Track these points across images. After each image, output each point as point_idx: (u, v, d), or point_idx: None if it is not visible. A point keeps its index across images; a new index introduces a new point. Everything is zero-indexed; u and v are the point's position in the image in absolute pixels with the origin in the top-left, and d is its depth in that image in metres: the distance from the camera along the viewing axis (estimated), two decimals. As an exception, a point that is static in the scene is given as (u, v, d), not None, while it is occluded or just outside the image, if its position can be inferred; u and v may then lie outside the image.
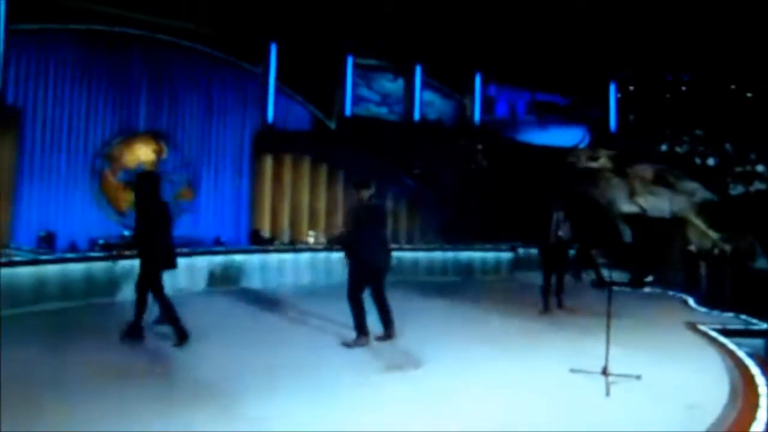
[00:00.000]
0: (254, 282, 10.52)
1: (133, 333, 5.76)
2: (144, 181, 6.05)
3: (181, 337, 5.56)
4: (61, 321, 6.58)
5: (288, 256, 11.41)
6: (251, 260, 10.69)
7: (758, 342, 6.85)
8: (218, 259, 10.38)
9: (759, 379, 4.59)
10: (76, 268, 8.01)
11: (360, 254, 5.84)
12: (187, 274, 9.43)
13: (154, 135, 12.75)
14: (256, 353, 5.40)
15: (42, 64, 11.61)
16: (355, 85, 15.59)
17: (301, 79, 14.53)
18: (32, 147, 11.49)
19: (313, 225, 13.94)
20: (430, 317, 7.14)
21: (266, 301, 8.47)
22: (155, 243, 5.70)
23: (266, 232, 13.46)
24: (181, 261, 6.89)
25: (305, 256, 11.54)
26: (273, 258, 11.09)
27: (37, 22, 11.44)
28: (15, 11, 11.05)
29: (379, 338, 5.86)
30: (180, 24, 12.94)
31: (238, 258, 10.63)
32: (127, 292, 7.62)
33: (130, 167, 12.25)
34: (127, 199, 12.07)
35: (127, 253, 7.74)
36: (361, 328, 5.74)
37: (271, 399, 4.06)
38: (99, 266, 8.32)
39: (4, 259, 7.83)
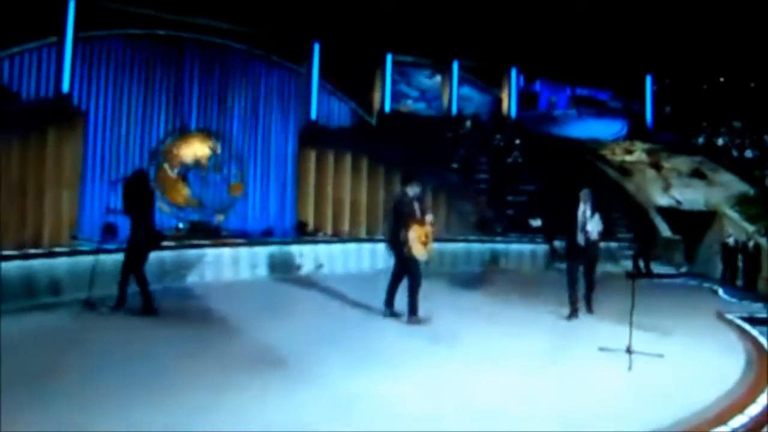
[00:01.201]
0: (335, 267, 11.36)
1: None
2: (136, 179, 6.85)
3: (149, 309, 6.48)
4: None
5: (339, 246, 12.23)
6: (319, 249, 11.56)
7: (782, 330, 7.40)
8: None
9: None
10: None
11: (397, 248, 6.47)
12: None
13: (207, 132, 13.69)
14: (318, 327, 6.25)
15: (103, 68, 12.65)
16: (394, 81, 16.31)
17: (342, 77, 15.35)
18: (95, 144, 12.56)
19: (354, 218, 14.63)
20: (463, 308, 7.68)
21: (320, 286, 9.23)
22: (142, 229, 6.55)
23: (311, 224, 14.23)
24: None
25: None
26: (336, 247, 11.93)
27: (99, 28, 12.47)
28: (80, 19, 12.07)
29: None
30: (229, 26, 13.91)
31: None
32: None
33: (186, 162, 13.19)
34: (182, 192, 13.09)
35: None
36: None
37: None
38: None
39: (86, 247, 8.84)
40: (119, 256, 6.90)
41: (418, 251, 6.56)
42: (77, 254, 8.22)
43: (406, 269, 6.60)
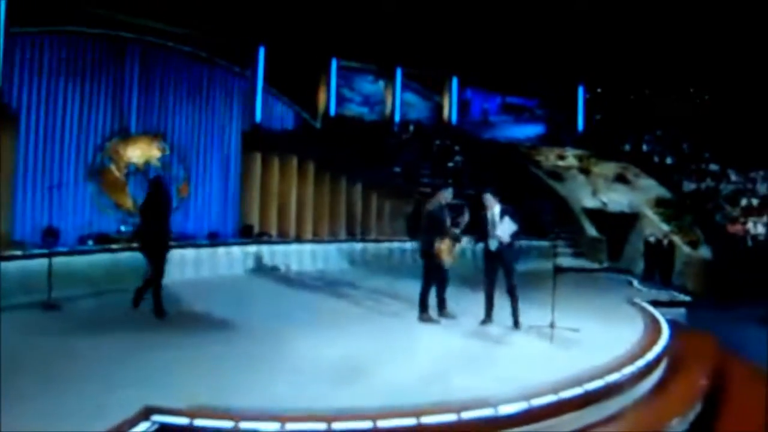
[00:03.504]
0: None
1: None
2: (155, 185, 7.45)
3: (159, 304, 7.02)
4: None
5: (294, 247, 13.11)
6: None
7: (681, 311, 9.09)
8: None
9: (664, 329, 6.65)
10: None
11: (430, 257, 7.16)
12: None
13: (152, 134, 14.19)
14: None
15: (36, 66, 12.78)
16: (338, 86, 17.36)
17: (287, 81, 16.23)
18: (28, 146, 12.69)
19: (300, 221, 15.48)
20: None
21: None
22: (165, 235, 7.16)
23: (256, 227, 14.99)
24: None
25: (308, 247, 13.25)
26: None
27: (34, 25, 12.62)
28: (13, 14, 12.22)
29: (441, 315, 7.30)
30: (171, 28, 14.43)
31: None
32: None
33: (136, 163, 13.69)
34: (127, 194, 13.59)
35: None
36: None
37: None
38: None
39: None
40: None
41: (446, 259, 7.29)
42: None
43: (437, 275, 7.31)
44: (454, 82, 19.28)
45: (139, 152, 13.78)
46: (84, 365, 4.96)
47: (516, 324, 6.91)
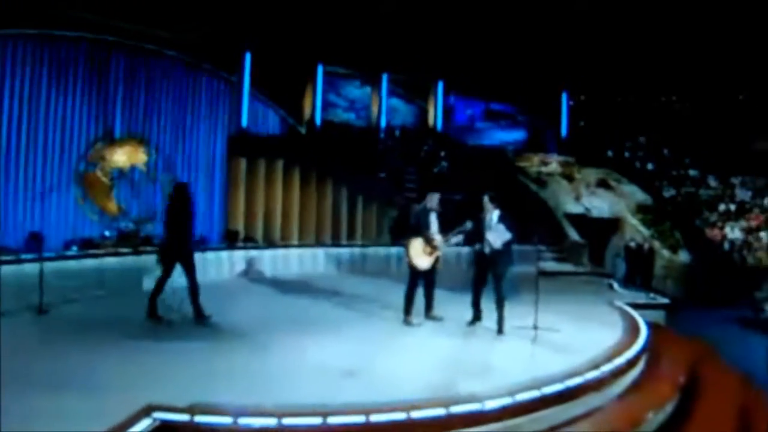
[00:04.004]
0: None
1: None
2: (179, 191, 7.47)
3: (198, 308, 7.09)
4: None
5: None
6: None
7: (660, 313, 9.46)
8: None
9: (642, 330, 6.97)
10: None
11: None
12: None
13: (137, 139, 14.31)
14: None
15: (19, 70, 12.81)
16: (324, 91, 17.61)
17: (273, 86, 16.47)
18: (10, 151, 12.68)
19: (285, 226, 15.65)
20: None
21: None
22: (186, 242, 7.25)
23: (242, 233, 15.13)
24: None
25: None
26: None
27: (14, 26, 12.60)
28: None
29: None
30: (157, 32, 14.58)
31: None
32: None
33: (121, 168, 13.79)
34: (112, 199, 13.68)
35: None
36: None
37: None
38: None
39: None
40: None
41: (419, 262, 7.34)
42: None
43: (421, 278, 7.42)
44: (440, 87, 19.62)
45: (125, 157, 13.89)
46: (80, 368, 5.11)
47: (500, 331, 6.97)
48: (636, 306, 9.05)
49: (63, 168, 13.41)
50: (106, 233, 13.25)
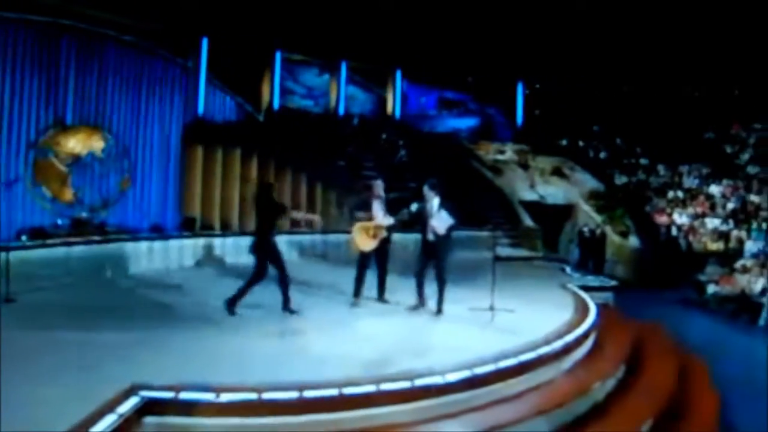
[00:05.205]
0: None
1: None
2: (264, 189, 7.91)
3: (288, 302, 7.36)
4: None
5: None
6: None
7: (609, 294, 10.24)
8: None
9: (591, 310, 7.63)
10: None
11: None
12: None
13: (91, 126, 14.22)
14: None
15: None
16: (282, 78, 17.78)
17: (230, 73, 16.56)
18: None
19: (243, 214, 15.77)
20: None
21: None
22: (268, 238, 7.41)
23: (198, 221, 15.23)
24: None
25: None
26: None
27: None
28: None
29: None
30: (111, 16, 14.48)
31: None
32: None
33: (78, 154, 13.69)
34: (67, 186, 13.59)
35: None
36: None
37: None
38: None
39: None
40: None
41: (364, 245, 7.82)
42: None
43: (370, 261, 7.90)
44: (398, 76, 20.05)
45: (81, 144, 13.79)
46: (59, 353, 5.35)
47: (439, 311, 7.43)
48: (587, 288, 9.76)
49: (11, 155, 13.26)
50: (59, 221, 13.24)
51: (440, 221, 7.44)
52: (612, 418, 5.35)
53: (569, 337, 6.37)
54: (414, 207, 7.83)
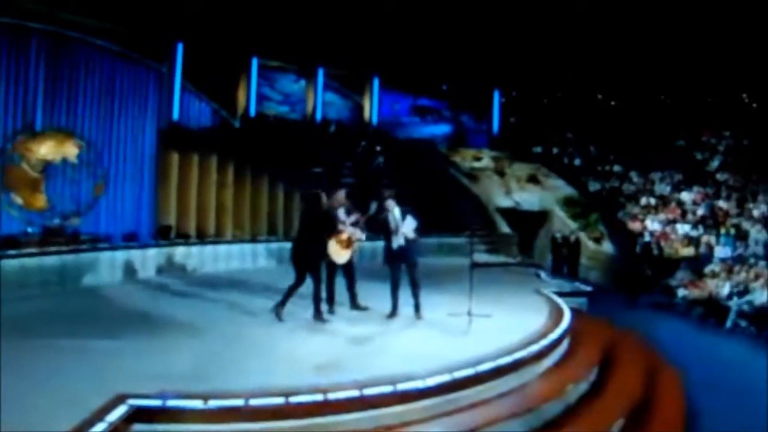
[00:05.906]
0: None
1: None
2: (312, 199, 7.88)
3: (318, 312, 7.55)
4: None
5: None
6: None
7: (583, 300, 10.61)
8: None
9: (566, 315, 7.95)
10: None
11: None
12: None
13: (63, 131, 14.12)
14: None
15: None
16: (258, 84, 17.90)
17: (206, 79, 16.61)
18: None
19: (220, 221, 15.84)
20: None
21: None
22: (315, 249, 7.57)
23: (173, 228, 15.19)
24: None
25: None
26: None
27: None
28: None
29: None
30: (83, 19, 14.39)
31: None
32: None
33: (51, 160, 13.62)
34: (39, 193, 13.47)
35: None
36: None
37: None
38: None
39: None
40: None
41: (339, 258, 8.02)
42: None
43: (336, 269, 8.15)
44: (375, 82, 20.31)
45: (53, 150, 13.70)
46: (46, 363, 5.46)
47: (417, 313, 7.85)
48: (561, 294, 10.12)
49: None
50: (29, 230, 13.10)
51: (408, 227, 7.88)
52: (584, 419, 5.65)
53: (544, 342, 6.68)
54: (373, 207, 8.23)
